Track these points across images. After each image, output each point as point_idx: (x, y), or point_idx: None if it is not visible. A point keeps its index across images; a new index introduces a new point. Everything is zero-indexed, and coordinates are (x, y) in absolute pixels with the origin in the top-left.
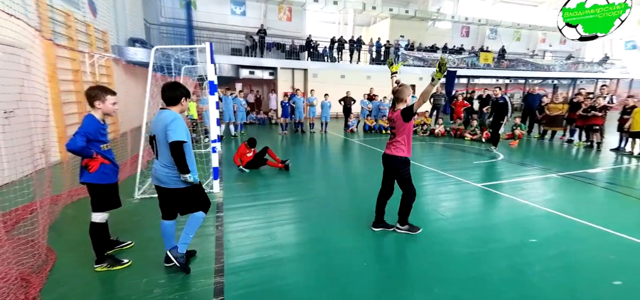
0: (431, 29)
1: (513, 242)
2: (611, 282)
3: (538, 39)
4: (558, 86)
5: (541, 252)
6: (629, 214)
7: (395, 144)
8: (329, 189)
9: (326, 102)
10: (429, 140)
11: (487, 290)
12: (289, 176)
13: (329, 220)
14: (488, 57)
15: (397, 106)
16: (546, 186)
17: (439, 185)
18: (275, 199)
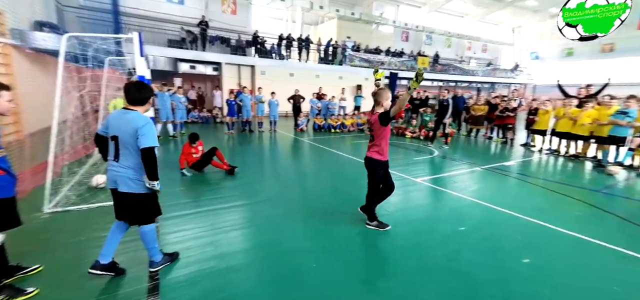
0: (375, 32)
1: (446, 231)
2: (521, 260)
3: (465, 46)
4: (481, 89)
5: (469, 238)
6: (533, 199)
7: (373, 148)
8: (279, 190)
9: (274, 101)
10: None
11: (426, 280)
12: (235, 179)
13: (279, 223)
14: (425, 61)
15: (376, 109)
16: (472, 179)
17: None
18: (219, 204)
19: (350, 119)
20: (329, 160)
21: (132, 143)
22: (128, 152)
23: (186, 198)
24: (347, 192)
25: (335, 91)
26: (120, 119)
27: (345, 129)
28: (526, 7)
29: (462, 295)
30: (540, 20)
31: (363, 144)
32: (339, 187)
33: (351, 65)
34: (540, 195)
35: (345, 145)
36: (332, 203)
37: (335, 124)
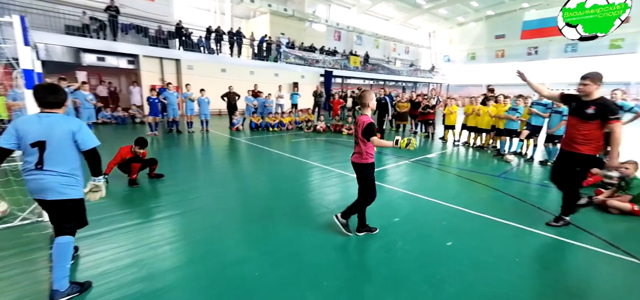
0: (309, 30)
1: (382, 223)
2: (445, 243)
3: (391, 47)
4: (406, 88)
5: (402, 228)
6: (451, 187)
7: (359, 152)
8: (215, 196)
9: (204, 98)
10: (313, 136)
11: (366, 274)
12: (163, 187)
13: (216, 232)
14: (356, 61)
15: (364, 111)
16: (401, 171)
17: (323, 179)
18: (144, 217)
19: (289, 117)
20: (269, 160)
21: (67, 147)
22: (60, 157)
23: (99, 214)
24: (289, 193)
25: (271, 88)
26: (46, 124)
27: (284, 128)
28: (439, 14)
29: (398, 284)
30: (450, 28)
31: (303, 142)
32: (280, 188)
33: (287, 62)
34: (456, 183)
35: (284, 144)
36: (274, 206)
37: (273, 123)
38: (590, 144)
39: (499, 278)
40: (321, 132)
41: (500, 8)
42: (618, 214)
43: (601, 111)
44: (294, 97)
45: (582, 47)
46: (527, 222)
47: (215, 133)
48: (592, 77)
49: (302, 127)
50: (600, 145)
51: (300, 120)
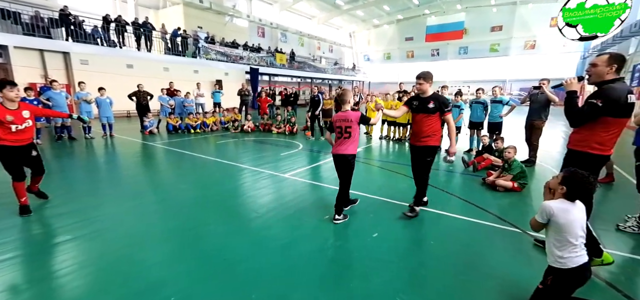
0: (230, 25)
1: (313, 223)
2: (371, 235)
3: (315, 46)
4: (332, 86)
5: (334, 225)
6: (376, 179)
7: (351, 144)
8: (127, 211)
9: (104, 98)
10: (241, 137)
11: (297, 280)
12: (52, 207)
13: (131, 253)
14: (282, 58)
15: (344, 107)
16: (331, 168)
17: (254, 182)
18: (25, 248)
19: (212, 117)
20: (191, 165)
21: None
22: None
23: None
24: (216, 200)
25: (191, 87)
26: None
27: (208, 129)
28: (357, 16)
29: (330, 284)
30: (367, 29)
31: (230, 143)
32: (205, 195)
33: (207, 58)
34: (380, 175)
35: (209, 147)
36: (199, 216)
37: (195, 124)
38: (435, 135)
39: (419, 261)
40: (249, 132)
41: (407, 13)
42: (503, 191)
43: (438, 105)
44: (217, 96)
45: (471, 50)
46: (439, 206)
47: (123, 138)
48: (424, 76)
49: (229, 128)
50: (439, 136)
51: (226, 120)
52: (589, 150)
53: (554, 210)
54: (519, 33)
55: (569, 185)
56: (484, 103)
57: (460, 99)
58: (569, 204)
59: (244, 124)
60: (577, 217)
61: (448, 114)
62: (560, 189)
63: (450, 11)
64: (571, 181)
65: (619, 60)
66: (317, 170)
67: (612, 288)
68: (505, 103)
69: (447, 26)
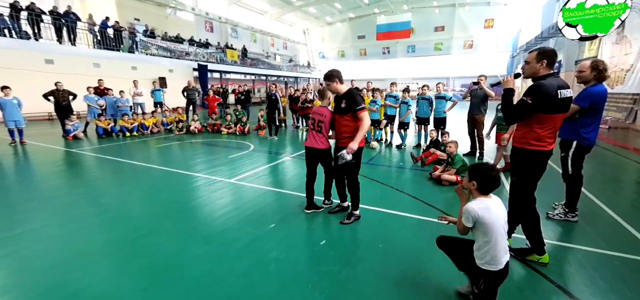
0: (173, 18)
1: (258, 233)
2: (320, 243)
3: (269, 42)
4: (288, 83)
5: (277, 235)
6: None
7: (319, 138)
8: (56, 228)
9: (9, 99)
10: (187, 139)
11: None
12: None
13: (64, 272)
14: (234, 54)
15: (323, 103)
16: (282, 170)
17: (202, 190)
18: None
19: (152, 118)
20: (128, 175)
21: None
22: None
23: None
24: (162, 205)
25: (125, 84)
26: None
27: (146, 131)
28: (310, 13)
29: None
30: (321, 26)
31: (174, 147)
32: (149, 203)
33: (147, 53)
34: None
35: (149, 153)
36: (144, 223)
37: (131, 126)
38: (347, 135)
39: (368, 269)
40: (196, 134)
41: (358, 11)
42: (449, 185)
43: (350, 103)
44: (158, 95)
45: (418, 49)
46: (390, 205)
47: (39, 146)
48: (328, 76)
49: (172, 129)
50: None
51: (169, 121)
52: (528, 147)
53: (478, 212)
54: (458, 33)
55: (477, 178)
56: (429, 99)
57: (408, 95)
58: (487, 201)
59: (189, 125)
60: (498, 213)
61: (360, 112)
62: (472, 184)
63: (398, 11)
64: (477, 174)
65: (548, 55)
66: (269, 173)
67: (545, 279)
68: (448, 99)
69: (395, 25)
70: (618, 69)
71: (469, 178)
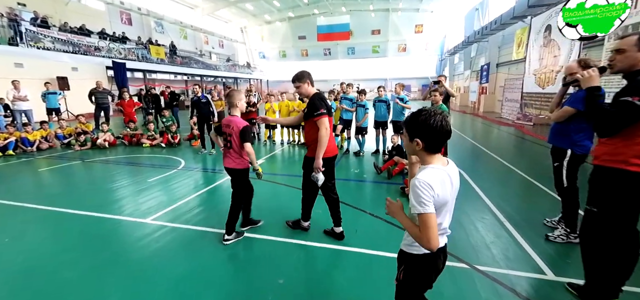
0: (76, 5)
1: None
2: (277, 281)
3: (202, 40)
4: (226, 84)
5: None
6: (282, 201)
7: (231, 156)
8: None
9: None
10: (93, 156)
11: None
12: None
13: None
14: (160, 51)
15: (232, 112)
16: (223, 197)
17: (88, 238)
18: None
19: (40, 131)
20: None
21: None
22: None
23: None
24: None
25: (6, 86)
26: None
27: (30, 147)
28: (247, 9)
29: None
30: (259, 25)
31: (71, 169)
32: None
33: (38, 47)
34: (287, 195)
35: (26, 182)
36: None
37: (4, 143)
38: (313, 144)
39: None
40: (107, 148)
41: (298, 11)
42: None
43: (309, 109)
44: (52, 99)
45: (357, 51)
46: (363, 235)
47: None
48: (298, 77)
49: (71, 144)
50: (331, 147)
51: (66, 134)
52: (626, 168)
53: (436, 189)
54: (393, 37)
55: (420, 132)
56: (386, 101)
57: (364, 97)
58: (442, 168)
59: (96, 137)
60: (456, 186)
61: (318, 119)
62: (416, 144)
63: (337, 12)
64: (418, 125)
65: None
66: (204, 201)
67: None
68: (405, 101)
69: (335, 27)
70: (547, 70)
71: (409, 135)
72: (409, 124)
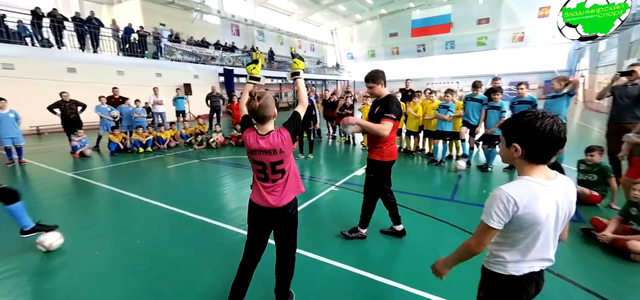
0: (199, 22)
1: None
2: None
3: (296, 44)
4: (316, 86)
5: None
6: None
7: (283, 188)
8: None
9: (5, 113)
10: (207, 155)
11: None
12: None
13: None
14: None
15: (262, 127)
16: (334, 208)
17: (197, 250)
18: None
19: (170, 130)
20: (118, 216)
21: None
22: None
23: None
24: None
25: (143, 93)
26: None
27: (163, 145)
28: (338, 11)
29: None
30: (349, 25)
31: (189, 168)
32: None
33: (172, 59)
34: (411, 222)
35: (156, 177)
36: None
37: (145, 140)
38: (376, 148)
39: None
40: (218, 148)
41: (391, 7)
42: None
43: (381, 109)
44: (180, 103)
45: (458, 44)
46: None
47: (39, 167)
48: (372, 77)
49: (191, 143)
50: (392, 151)
51: (188, 134)
52: None
53: (517, 201)
54: (506, 25)
55: (521, 137)
56: (532, 101)
57: (500, 97)
58: (542, 182)
59: (210, 137)
60: (563, 205)
61: (385, 120)
62: (514, 150)
63: (436, 4)
64: (520, 128)
65: None
66: (308, 215)
67: None
68: (534, 104)
69: (432, 20)
70: None
71: (507, 139)
72: (508, 125)
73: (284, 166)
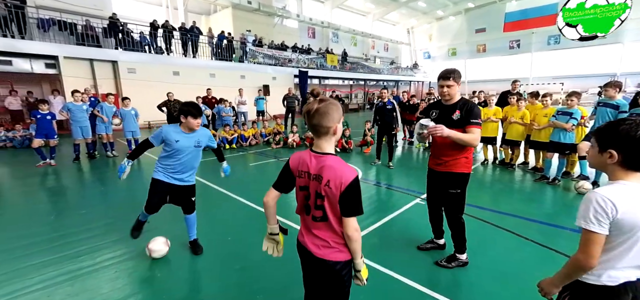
0: (279, 27)
1: None
2: None
3: (369, 45)
4: (387, 87)
5: None
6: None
7: (326, 236)
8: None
9: (128, 110)
10: (284, 154)
11: None
12: None
13: None
14: (334, 59)
15: (319, 143)
16: (413, 223)
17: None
18: None
19: (251, 129)
20: (214, 214)
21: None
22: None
23: None
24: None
25: (231, 93)
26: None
27: (245, 143)
28: (417, 8)
29: None
30: (428, 23)
31: (268, 166)
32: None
33: (254, 62)
34: (528, 260)
35: (239, 174)
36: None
37: (231, 138)
38: (460, 158)
39: None
40: (294, 147)
41: (480, 0)
42: None
43: (466, 115)
44: (260, 103)
45: (563, 39)
46: None
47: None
48: (455, 76)
49: (270, 142)
50: (471, 160)
51: (267, 133)
52: None
53: (617, 206)
54: (637, 13)
55: (617, 143)
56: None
57: None
58: (637, 185)
59: (287, 137)
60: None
61: (473, 127)
62: (609, 156)
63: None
64: (615, 134)
65: None
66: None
67: None
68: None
69: (532, 11)
70: None
71: (600, 144)
72: (604, 131)
73: (326, 207)
